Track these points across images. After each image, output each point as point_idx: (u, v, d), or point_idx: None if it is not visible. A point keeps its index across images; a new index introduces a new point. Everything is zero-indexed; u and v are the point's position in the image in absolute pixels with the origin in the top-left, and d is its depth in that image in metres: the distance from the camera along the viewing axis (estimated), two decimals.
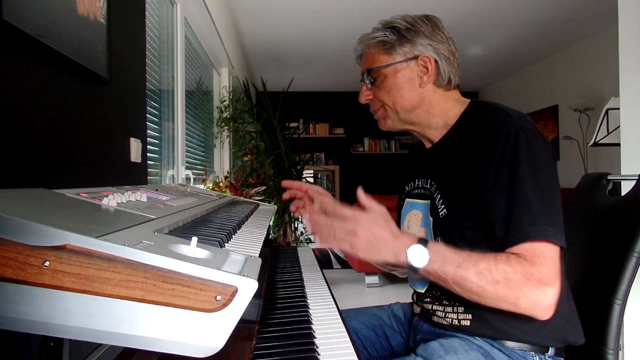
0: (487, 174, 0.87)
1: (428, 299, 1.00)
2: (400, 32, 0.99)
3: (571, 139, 4.92)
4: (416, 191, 1.07)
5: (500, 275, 0.78)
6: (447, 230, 0.94)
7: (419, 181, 1.07)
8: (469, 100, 1.04)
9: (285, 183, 1.12)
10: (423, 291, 1.01)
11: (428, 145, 1.07)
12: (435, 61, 0.99)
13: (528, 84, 6.33)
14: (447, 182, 0.96)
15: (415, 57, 0.99)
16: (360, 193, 0.88)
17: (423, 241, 0.83)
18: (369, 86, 1.04)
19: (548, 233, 0.80)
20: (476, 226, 0.90)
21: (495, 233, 0.85)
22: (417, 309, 1.06)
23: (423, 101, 1.00)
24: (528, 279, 0.78)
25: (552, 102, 5.76)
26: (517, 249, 0.81)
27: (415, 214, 1.05)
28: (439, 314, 0.97)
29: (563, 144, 5.48)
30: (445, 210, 0.94)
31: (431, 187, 1.01)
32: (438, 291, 0.97)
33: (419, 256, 0.81)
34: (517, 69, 6.43)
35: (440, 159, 1.00)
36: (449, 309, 0.94)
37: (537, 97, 6.03)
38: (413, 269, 0.83)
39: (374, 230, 0.83)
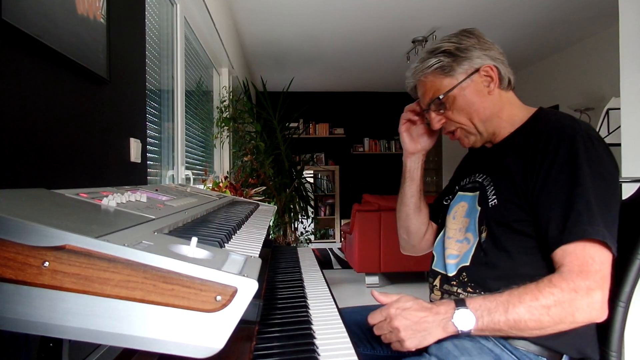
0: (549, 173, 0.89)
1: (455, 282, 1.01)
2: (452, 54, 1.02)
3: None
4: (469, 185, 1.10)
5: (549, 300, 0.80)
6: (494, 219, 0.96)
7: (474, 176, 1.10)
8: (537, 108, 1.07)
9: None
10: (452, 275, 1.02)
11: (489, 145, 1.10)
12: (496, 67, 1.02)
13: (528, 84, 6.33)
14: (502, 176, 0.98)
15: (477, 70, 1.02)
16: (375, 294, 0.92)
17: (460, 303, 0.85)
18: (439, 112, 1.06)
19: (606, 236, 0.81)
20: (523, 221, 0.92)
21: (548, 230, 0.86)
22: (436, 296, 1.07)
23: (495, 108, 1.03)
24: (577, 292, 0.79)
25: (553, 102, 5.76)
26: (570, 247, 0.82)
27: (462, 206, 1.08)
28: (462, 297, 0.97)
29: None
30: (495, 200, 0.97)
31: (484, 180, 1.04)
32: (466, 277, 0.99)
33: (466, 319, 0.83)
34: (517, 69, 6.41)
35: (500, 156, 1.03)
36: (474, 295, 0.95)
37: (537, 97, 6.03)
38: (466, 334, 0.84)
39: (409, 317, 0.85)
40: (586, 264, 0.80)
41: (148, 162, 1.71)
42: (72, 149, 1.05)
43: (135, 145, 1.48)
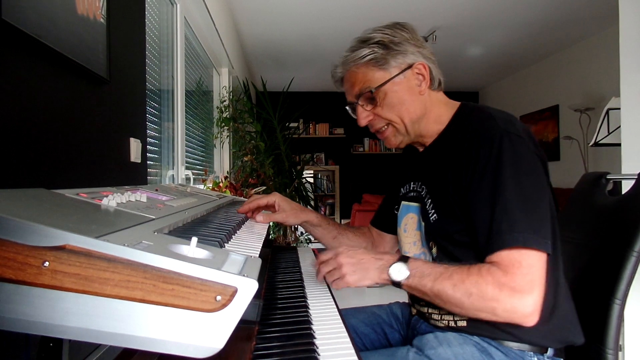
0: (472, 180, 0.87)
1: (423, 302, 1.00)
2: (387, 46, 0.97)
3: (572, 139, 4.92)
4: (411, 194, 1.08)
5: (474, 287, 0.80)
6: (438, 235, 0.95)
7: (413, 184, 1.08)
8: (459, 103, 1.04)
9: (241, 211, 1.19)
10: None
11: (421, 148, 1.08)
12: (428, 66, 0.99)
13: (528, 84, 6.33)
14: (436, 187, 0.97)
15: (410, 67, 0.98)
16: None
17: (404, 258, 0.88)
18: (367, 107, 1.00)
19: (528, 240, 0.79)
20: (464, 230, 0.91)
21: (478, 240, 0.86)
22: (414, 311, 1.07)
23: (425, 108, 1.00)
24: (500, 289, 0.78)
25: (553, 102, 5.75)
26: (495, 257, 0.81)
27: (412, 217, 1.06)
28: (435, 317, 0.97)
29: (563, 144, 5.48)
30: (435, 215, 0.95)
31: (422, 190, 1.02)
32: None
33: (399, 272, 0.86)
34: (517, 69, 6.43)
35: (431, 163, 1.01)
36: (444, 310, 0.94)
37: (538, 97, 6.03)
38: (396, 284, 0.87)
39: (356, 256, 0.90)
40: (512, 267, 0.79)
41: (148, 162, 1.71)
42: (72, 149, 1.05)
43: (135, 145, 1.48)
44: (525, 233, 0.80)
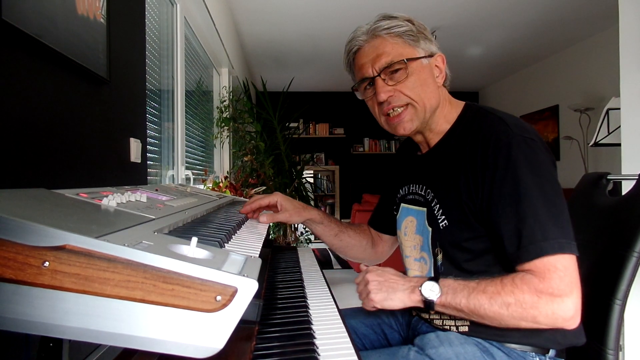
0: (492, 187, 0.85)
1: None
2: (417, 28, 0.97)
3: (572, 139, 4.92)
4: (410, 197, 1.06)
5: (511, 297, 0.79)
6: (447, 241, 0.94)
7: (413, 187, 1.06)
8: (463, 103, 1.02)
9: (242, 211, 1.17)
10: None
11: (424, 148, 1.05)
12: (445, 61, 0.99)
13: (528, 84, 6.33)
14: (446, 193, 0.94)
15: (432, 55, 0.97)
16: (363, 267, 0.96)
17: (434, 278, 0.87)
18: (389, 82, 0.95)
19: (562, 246, 0.79)
20: (477, 238, 0.90)
21: (505, 247, 0.84)
22: (415, 312, 1.07)
23: (439, 101, 0.99)
24: (539, 296, 0.78)
25: (553, 102, 5.75)
26: (529, 265, 0.81)
27: (411, 221, 1.05)
28: (437, 322, 0.97)
29: (563, 144, 5.48)
30: (446, 221, 0.93)
31: (427, 195, 0.99)
32: None
33: (431, 290, 0.85)
34: (517, 69, 6.43)
35: (437, 166, 0.99)
36: (446, 316, 0.94)
37: (538, 97, 6.03)
38: (428, 304, 0.86)
39: (384, 276, 0.90)
40: (549, 272, 0.79)
41: (148, 162, 1.71)
42: (72, 149, 1.05)
43: (135, 145, 1.48)
44: (559, 239, 0.79)
